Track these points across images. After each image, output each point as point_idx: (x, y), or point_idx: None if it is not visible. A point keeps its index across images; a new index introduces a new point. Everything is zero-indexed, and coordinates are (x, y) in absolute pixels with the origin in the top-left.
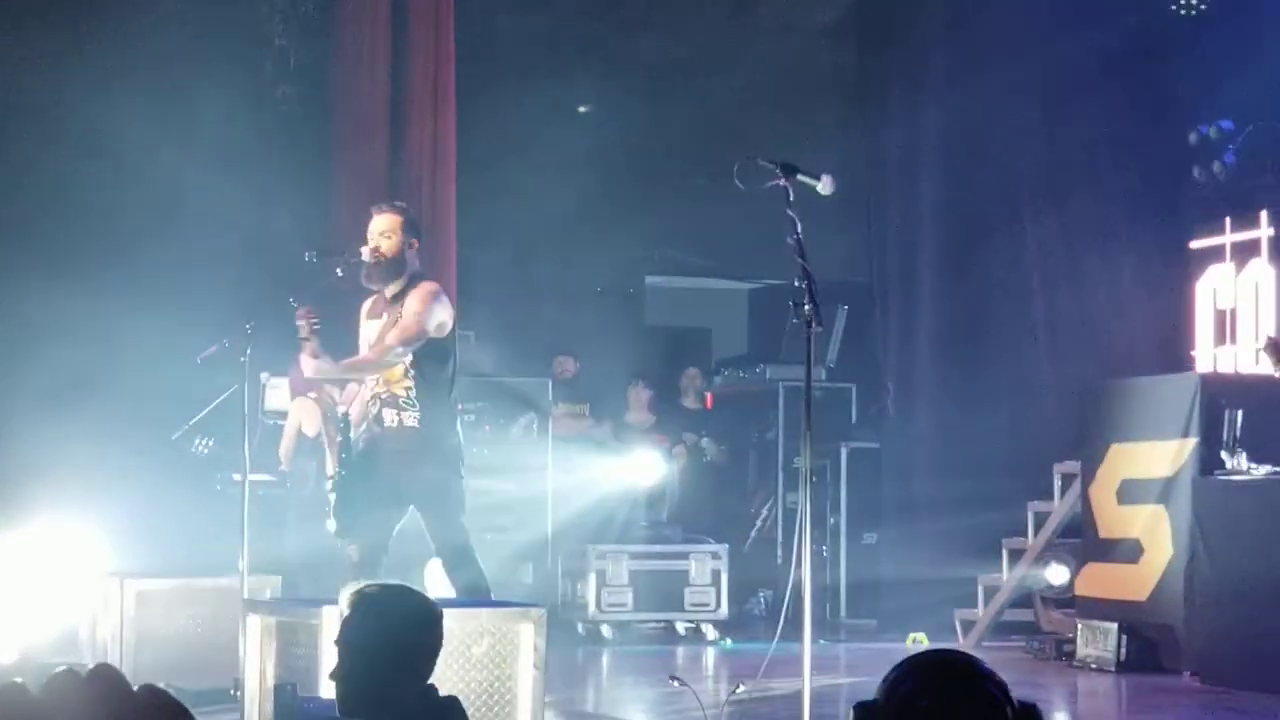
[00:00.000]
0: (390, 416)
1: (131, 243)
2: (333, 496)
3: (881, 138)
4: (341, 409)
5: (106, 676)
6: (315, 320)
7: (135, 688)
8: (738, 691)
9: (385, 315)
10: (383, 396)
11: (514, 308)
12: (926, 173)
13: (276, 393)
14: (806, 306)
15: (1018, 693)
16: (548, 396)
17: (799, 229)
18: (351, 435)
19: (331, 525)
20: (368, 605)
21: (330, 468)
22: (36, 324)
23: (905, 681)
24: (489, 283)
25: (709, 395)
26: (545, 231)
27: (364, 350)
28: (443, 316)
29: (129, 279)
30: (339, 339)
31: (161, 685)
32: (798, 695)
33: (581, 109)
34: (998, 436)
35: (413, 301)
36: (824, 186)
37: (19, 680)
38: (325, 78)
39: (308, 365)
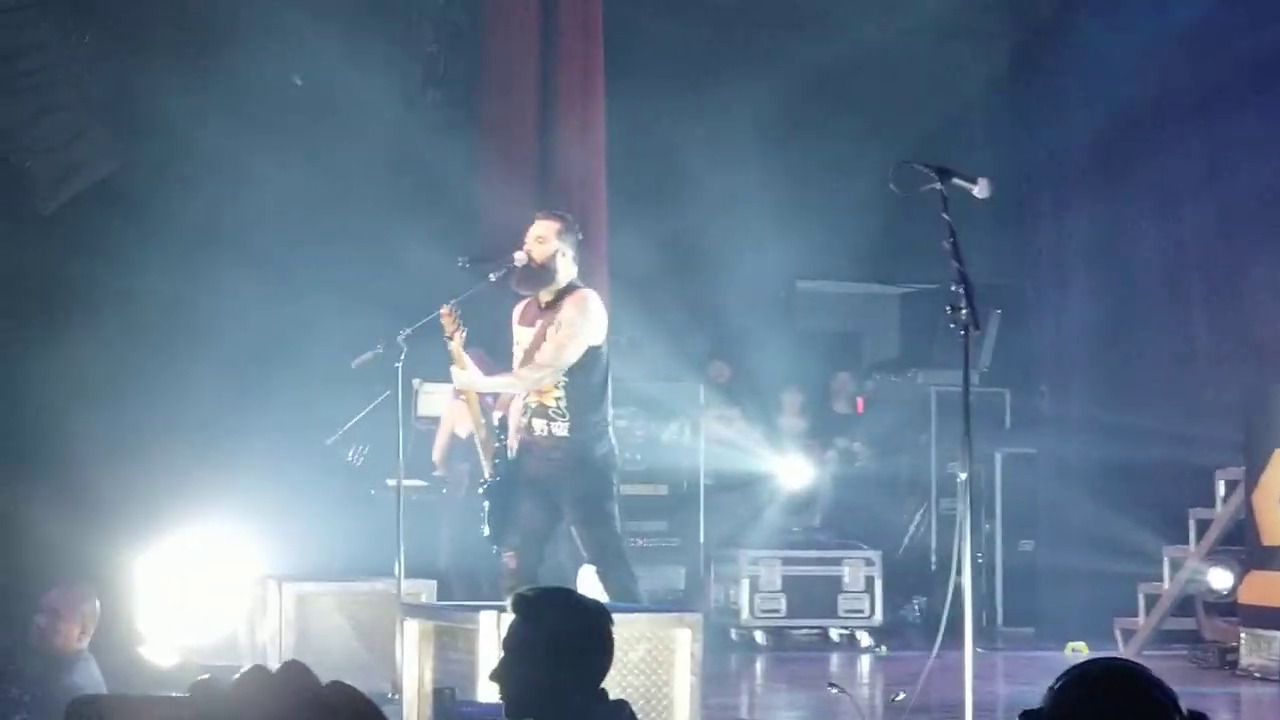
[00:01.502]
0: (540, 426)
1: (283, 248)
2: (486, 504)
3: (1031, 140)
4: (497, 414)
5: (297, 673)
6: (459, 318)
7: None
8: (897, 699)
9: (539, 322)
10: (533, 406)
11: (666, 313)
12: (1077, 173)
13: (429, 398)
14: (963, 310)
15: (1183, 702)
16: (700, 401)
17: (955, 232)
18: (506, 442)
19: (486, 532)
20: (531, 608)
21: (485, 472)
22: (197, 334)
23: (1072, 690)
24: (641, 288)
25: (860, 400)
26: (697, 236)
27: (516, 355)
28: (597, 327)
29: (285, 285)
30: (491, 344)
31: None
32: (957, 704)
33: (731, 113)
34: (1157, 441)
35: (568, 312)
36: (980, 190)
37: (208, 677)
38: (474, 84)
39: (457, 377)
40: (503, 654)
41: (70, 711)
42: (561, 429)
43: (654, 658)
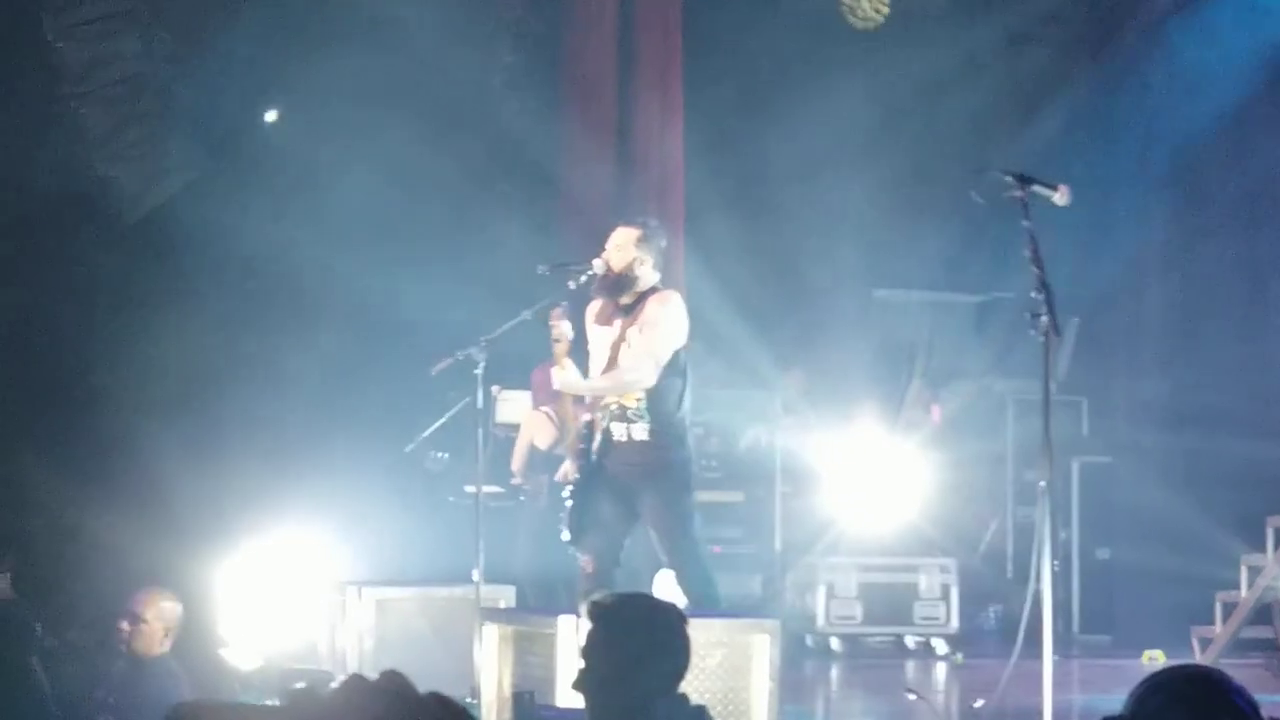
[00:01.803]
0: (620, 430)
1: (362, 257)
2: (569, 504)
3: (1112, 149)
4: (585, 417)
5: (395, 682)
6: (567, 322)
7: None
8: (976, 706)
9: (616, 322)
10: (613, 410)
11: (742, 319)
12: (1154, 181)
13: (508, 405)
14: (1044, 317)
15: (1264, 711)
16: (775, 409)
17: (1035, 240)
18: (590, 445)
19: (565, 535)
20: (608, 615)
21: (570, 474)
22: (277, 342)
23: (1154, 697)
24: (717, 294)
25: (936, 408)
26: (773, 243)
27: (593, 356)
28: (682, 327)
29: (365, 293)
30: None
31: None
32: (1034, 711)
33: (810, 121)
34: (1234, 449)
35: (653, 311)
36: (1060, 197)
37: (305, 685)
38: (553, 92)
39: (558, 377)
40: (582, 662)
41: (170, 717)
42: (641, 432)
43: (731, 663)
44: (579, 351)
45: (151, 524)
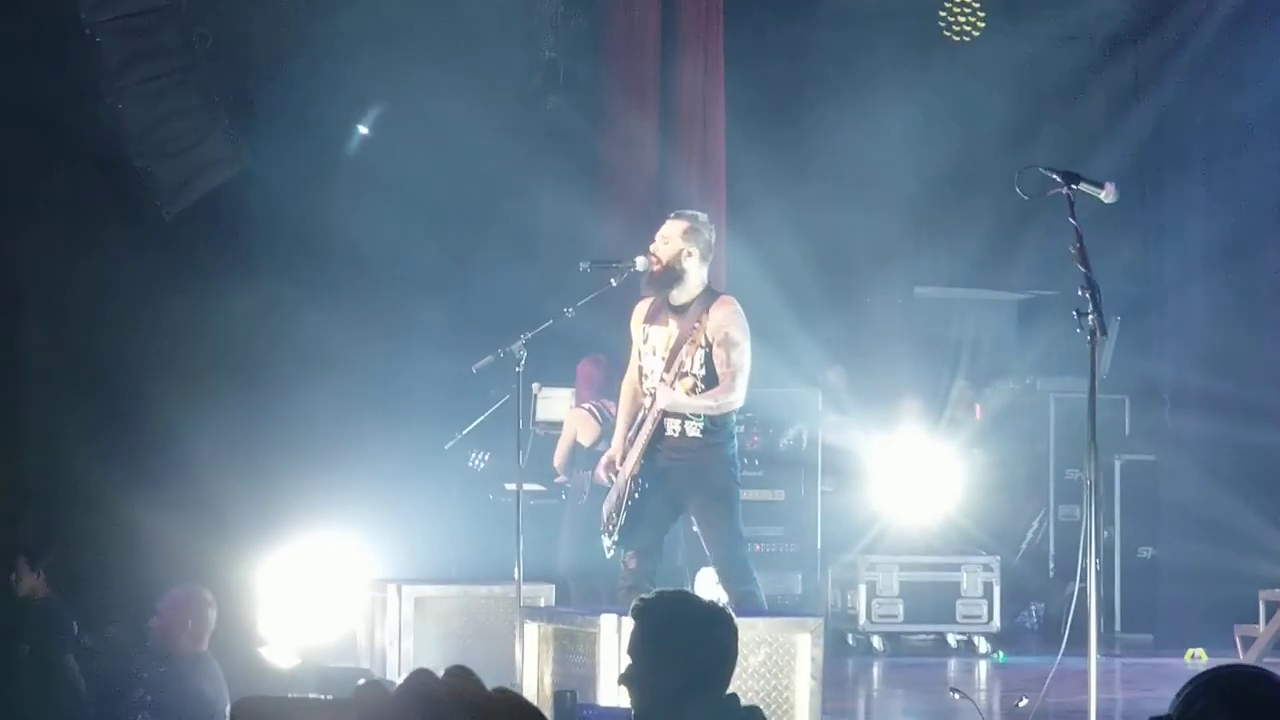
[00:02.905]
0: (673, 425)
1: (404, 254)
2: (635, 498)
3: (1157, 147)
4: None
5: (464, 676)
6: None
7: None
8: (1020, 705)
9: (671, 322)
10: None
11: (784, 317)
12: (1199, 178)
13: (548, 403)
14: (1090, 316)
15: None
16: (817, 406)
17: (1081, 237)
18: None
19: (607, 546)
20: (651, 613)
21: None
22: (317, 338)
23: (1201, 697)
24: (759, 292)
25: (979, 407)
26: (815, 242)
27: (644, 355)
28: (749, 333)
29: (407, 291)
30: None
31: None
32: (1077, 709)
33: (854, 118)
34: (1278, 449)
35: (729, 326)
36: (1107, 195)
37: (371, 680)
38: (595, 91)
39: (664, 395)
40: (629, 660)
41: (236, 710)
42: (695, 429)
43: (774, 662)
44: (620, 347)
45: (193, 521)
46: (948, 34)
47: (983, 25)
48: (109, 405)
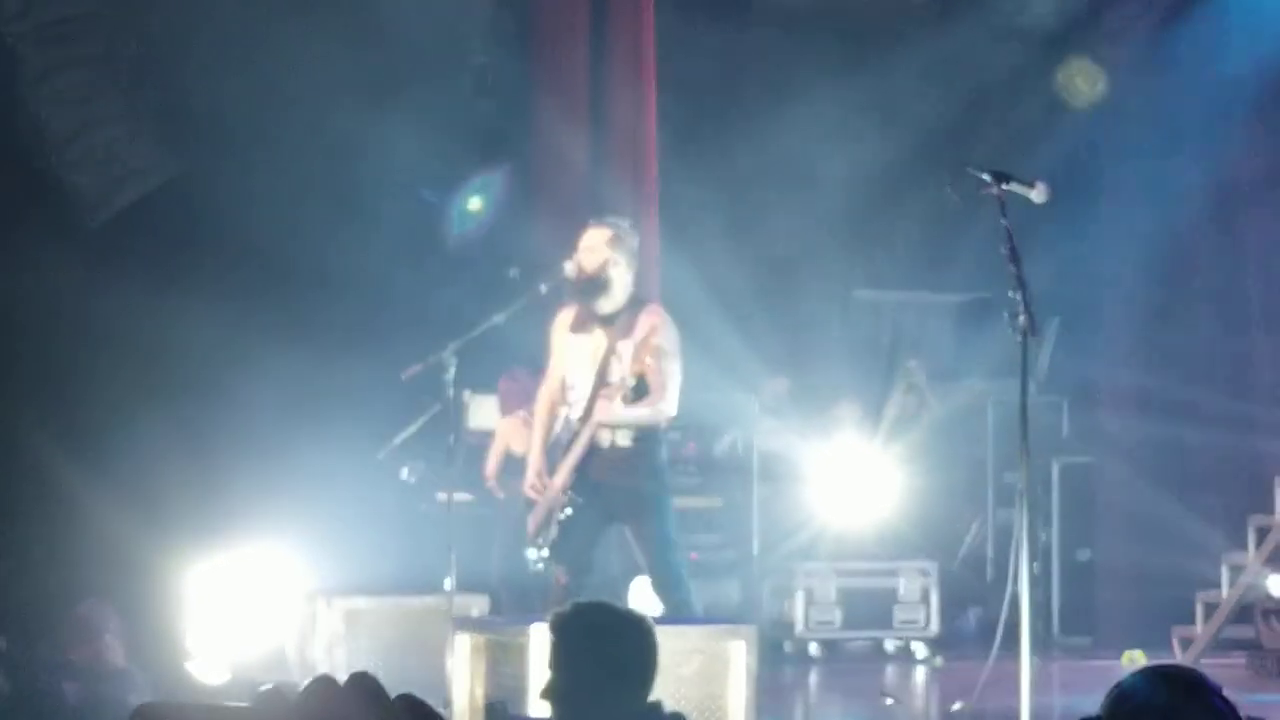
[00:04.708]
0: (604, 436)
1: (333, 260)
2: (568, 513)
3: (1089, 146)
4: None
5: (365, 684)
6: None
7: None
8: (954, 709)
9: (596, 331)
10: None
11: (719, 323)
12: (1134, 177)
13: (480, 411)
14: (1021, 317)
15: (1241, 710)
16: (754, 412)
17: (1013, 238)
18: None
19: (534, 558)
20: (573, 623)
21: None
22: (248, 346)
23: (1131, 697)
24: (693, 296)
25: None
26: (752, 246)
27: (570, 363)
28: (677, 339)
29: (336, 298)
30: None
31: None
32: (1013, 713)
33: (787, 122)
34: (1215, 450)
35: (659, 334)
36: (1038, 194)
37: (272, 686)
38: (524, 94)
39: (602, 408)
40: (549, 672)
41: (133, 718)
42: (626, 439)
43: (708, 670)
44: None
45: (120, 533)
46: (1068, 98)
47: (1101, 89)
48: (33, 414)
